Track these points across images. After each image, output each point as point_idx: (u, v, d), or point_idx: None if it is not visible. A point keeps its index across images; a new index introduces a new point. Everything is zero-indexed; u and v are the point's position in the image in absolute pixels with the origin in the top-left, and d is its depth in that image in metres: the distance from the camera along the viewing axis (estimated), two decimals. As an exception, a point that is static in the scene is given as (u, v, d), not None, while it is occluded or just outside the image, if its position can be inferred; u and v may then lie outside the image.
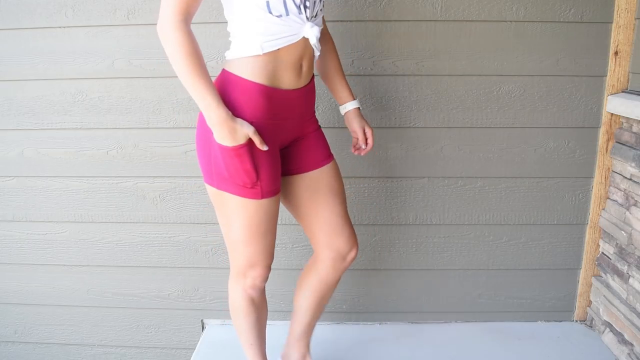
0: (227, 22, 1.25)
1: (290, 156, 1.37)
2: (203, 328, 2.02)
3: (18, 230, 1.94)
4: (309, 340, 1.61)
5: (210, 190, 1.30)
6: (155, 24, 1.15)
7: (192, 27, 1.66)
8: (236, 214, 1.28)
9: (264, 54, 1.19)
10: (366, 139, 1.48)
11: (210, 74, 1.72)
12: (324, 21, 1.39)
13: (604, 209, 1.82)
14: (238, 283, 1.41)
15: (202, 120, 1.24)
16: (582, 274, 1.91)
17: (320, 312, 1.57)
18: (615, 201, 1.75)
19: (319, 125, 1.42)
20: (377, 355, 1.80)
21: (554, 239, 1.88)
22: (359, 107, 1.47)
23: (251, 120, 1.21)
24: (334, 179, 1.42)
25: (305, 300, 1.52)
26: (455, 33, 1.68)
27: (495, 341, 1.86)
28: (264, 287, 1.45)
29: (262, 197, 1.25)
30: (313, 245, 1.48)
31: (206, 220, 1.89)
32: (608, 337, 1.81)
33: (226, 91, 1.22)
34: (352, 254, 1.46)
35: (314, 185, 1.39)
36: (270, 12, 1.16)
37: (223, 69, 1.26)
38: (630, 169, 1.66)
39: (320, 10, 1.27)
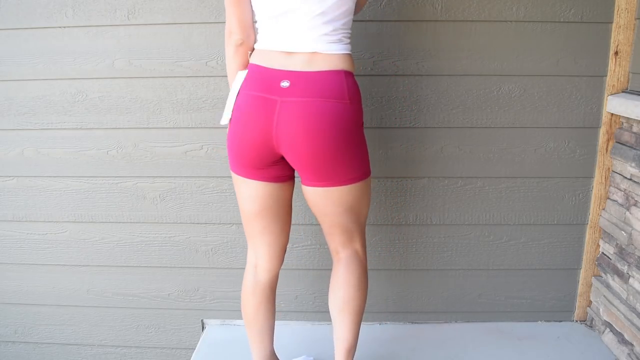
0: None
1: None
2: (203, 328, 2.02)
3: (18, 230, 1.95)
4: None
5: (367, 182, 1.34)
6: (156, 24, 1.14)
7: (192, 26, 1.68)
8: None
9: None
10: None
11: (210, 74, 1.74)
12: None
13: (604, 209, 1.82)
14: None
15: (356, 109, 1.26)
16: (582, 274, 1.91)
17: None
18: (616, 201, 1.75)
19: None
20: (377, 355, 1.80)
21: (554, 239, 1.88)
22: None
23: None
24: None
25: None
26: (455, 33, 1.68)
27: (495, 341, 1.86)
28: None
29: None
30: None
31: (206, 220, 1.89)
32: (608, 337, 1.81)
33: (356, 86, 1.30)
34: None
35: None
36: None
37: (345, 70, 1.26)
38: (630, 169, 1.66)
39: None
